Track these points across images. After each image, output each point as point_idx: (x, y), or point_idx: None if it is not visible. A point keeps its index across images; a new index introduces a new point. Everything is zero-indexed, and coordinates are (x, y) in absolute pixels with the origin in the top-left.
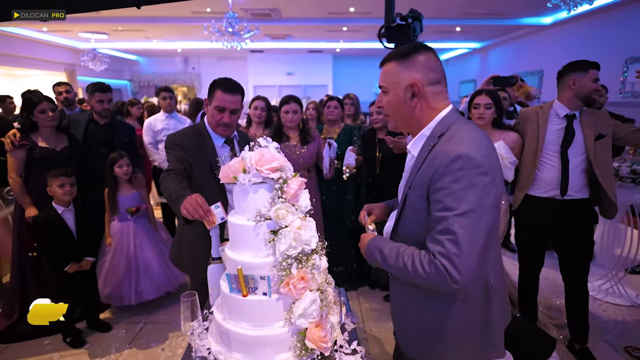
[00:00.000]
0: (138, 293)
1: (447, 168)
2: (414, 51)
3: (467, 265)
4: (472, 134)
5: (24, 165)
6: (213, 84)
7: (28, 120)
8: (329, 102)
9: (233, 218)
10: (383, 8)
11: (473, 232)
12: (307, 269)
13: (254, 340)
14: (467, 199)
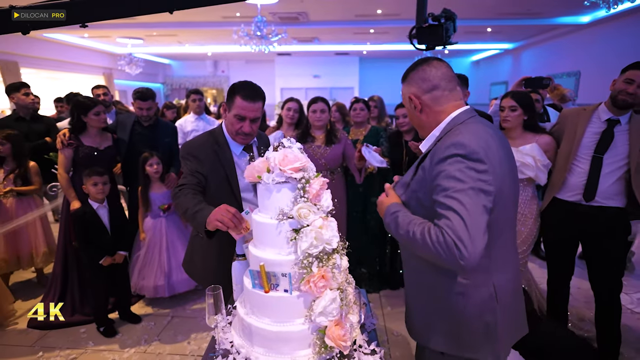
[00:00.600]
0: (170, 286)
1: (444, 154)
2: (410, 70)
3: (472, 243)
4: (474, 128)
5: (71, 162)
6: (232, 89)
7: (79, 122)
8: (355, 105)
9: (256, 216)
10: (411, 9)
11: (474, 210)
12: (328, 268)
13: (275, 335)
14: (463, 179)
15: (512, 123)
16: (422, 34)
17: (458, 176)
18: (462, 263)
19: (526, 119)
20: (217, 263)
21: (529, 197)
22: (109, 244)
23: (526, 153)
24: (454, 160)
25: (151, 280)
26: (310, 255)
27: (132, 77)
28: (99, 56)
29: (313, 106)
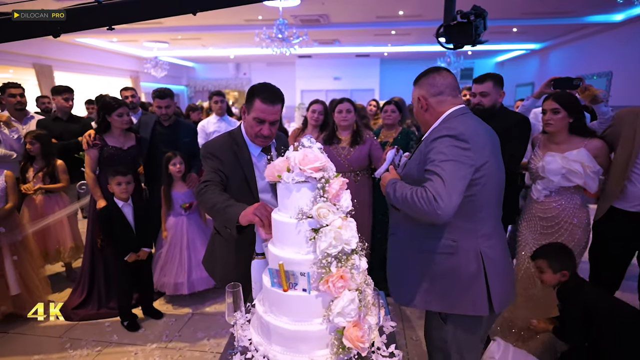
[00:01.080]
0: (190, 283)
1: (437, 135)
2: (422, 76)
3: (448, 198)
4: (464, 119)
5: (97, 161)
6: (252, 91)
7: (104, 122)
8: (386, 107)
9: (276, 215)
10: (433, 10)
11: (453, 175)
12: (347, 269)
13: (293, 334)
14: (447, 153)
15: (556, 127)
16: (450, 32)
17: (445, 151)
18: (439, 212)
19: (572, 121)
20: (236, 261)
21: (578, 205)
22: (133, 241)
23: (573, 159)
24: (443, 139)
25: (172, 278)
26: (329, 255)
27: (158, 80)
28: (126, 60)
29: (339, 106)
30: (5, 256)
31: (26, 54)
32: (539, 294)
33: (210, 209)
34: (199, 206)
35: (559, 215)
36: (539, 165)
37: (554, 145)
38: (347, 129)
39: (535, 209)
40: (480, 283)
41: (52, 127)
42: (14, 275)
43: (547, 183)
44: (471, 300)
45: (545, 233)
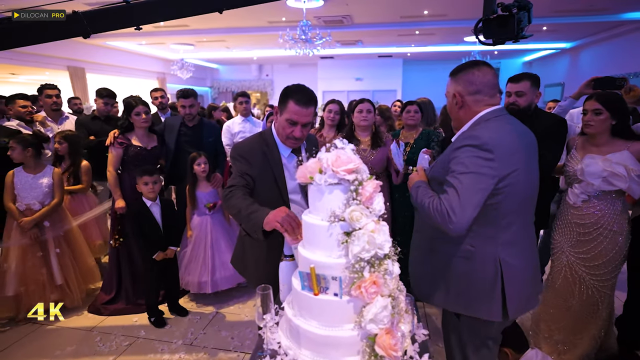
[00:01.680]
0: (214, 282)
1: (460, 144)
2: (460, 70)
3: (461, 213)
4: (493, 124)
5: (120, 161)
6: (286, 93)
7: (127, 121)
8: (409, 107)
9: (307, 217)
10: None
11: (470, 188)
12: (380, 274)
13: (323, 339)
14: (468, 164)
15: (596, 128)
16: (490, 26)
17: (465, 162)
18: (450, 227)
19: (614, 123)
20: (265, 262)
21: (618, 211)
22: (161, 240)
23: (617, 162)
24: (466, 149)
25: (196, 276)
26: (362, 260)
27: (183, 82)
28: (154, 62)
29: (359, 106)
30: (50, 248)
31: (61, 57)
32: (577, 305)
33: (236, 215)
34: (226, 210)
35: (598, 222)
36: (577, 168)
37: (593, 148)
38: (366, 129)
39: (572, 214)
40: (496, 289)
41: (90, 126)
42: (58, 267)
43: (585, 187)
44: (486, 305)
45: (582, 240)
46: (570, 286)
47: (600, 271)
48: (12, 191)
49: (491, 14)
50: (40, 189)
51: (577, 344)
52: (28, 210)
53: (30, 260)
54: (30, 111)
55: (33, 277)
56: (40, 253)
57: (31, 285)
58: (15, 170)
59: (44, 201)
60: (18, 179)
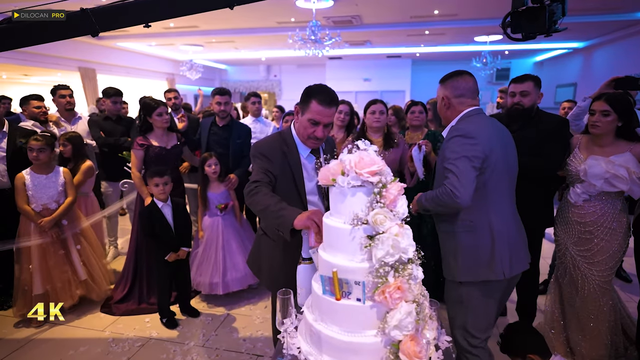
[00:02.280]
0: (225, 284)
1: (450, 136)
2: (448, 77)
3: (463, 188)
4: (474, 119)
5: (142, 161)
6: (308, 92)
7: (146, 122)
8: (413, 107)
9: (329, 220)
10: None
11: (464, 168)
12: (404, 279)
13: (346, 345)
14: (458, 150)
15: (602, 129)
16: (518, 20)
17: (456, 149)
18: (458, 201)
19: (620, 125)
20: (282, 264)
21: (618, 210)
22: (173, 241)
23: (619, 164)
24: (455, 139)
25: (207, 277)
26: (386, 264)
27: (192, 82)
28: (163, 62)
29: (372, 107)
30: (71, 245)
31: (72, 58)
32: (579, 303)
33: (263, 211)
34: (249, 206)
35: (598, 221)
36: (580, 168)
37: (597, 148)
38: (378, 130)
39: (572, 213)
40: (494, 253)
41: (103, 125)
42: (80, 263)
43: (587, 187)
44: (488, 268)
45: (583, 238)
46: (574, 283)
47: (601, 267)
48: (25, 193)
49: (520, 6)
50: (55, 188)
51: (586, 343)
52: (45, 210)
53: (53, 258)
54: (44, 111)
55: (58, 275)
56: (62, 251)
57: (57, 283)
58: (26, 172)
59: (59, 200)
60: (31, 180)
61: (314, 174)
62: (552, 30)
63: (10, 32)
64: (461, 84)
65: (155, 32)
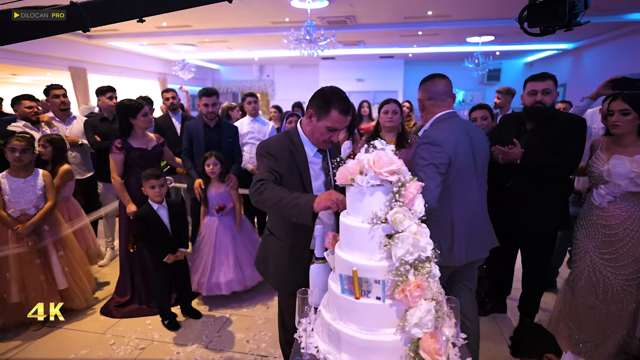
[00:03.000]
0: (209, 286)
1: (419, 143)
2: (422, 82)
3: (430, 193)
4: (444, 124)
5: (122, 166)
6: (326, 100)
7: (128, 125)
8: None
9: (346, 219)
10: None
11: (430, 173)
12: (424, 277)
13: (366, 344)
14: (426, 157)
15: (624, 129)
16: (537, 13)
17: (424, 156)
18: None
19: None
20: (289, 263)
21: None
22: (170, 242)
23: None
24: (423, 147)
25: (197, 276)
26: (406, 263)
27: (184, 82)
28: (155, 62)
29: (385, 107)
30: (51, 252)
31: (62, 57)
32: (599, 305)
33: (276, 204)
34: (257, 204)
35: (624, 223)
36: (604, 169)
37: (619, 148)
38: (392, 130)
39: (597, 215)
40: (452, 242)
41: (100, 127)
42: (61, 270)
43: (612, 188)
44: (450, 255)
45: (607, 241)
46: (593, 286)
47: (627, 271)
48: (1, 198)
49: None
50: (34, 192)
51: (600, 343)
52: (23, 216)
53: (28, 267)
54: (36, 112)
55: (32, 285)
56: (39, 260)
57: (31, 292)
58: (2, 176)
59: (39, 205)
60: (7, 184)
61: (320, 173)
62: (572, 23)
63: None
64: (431, 88)
65: (147, 32)
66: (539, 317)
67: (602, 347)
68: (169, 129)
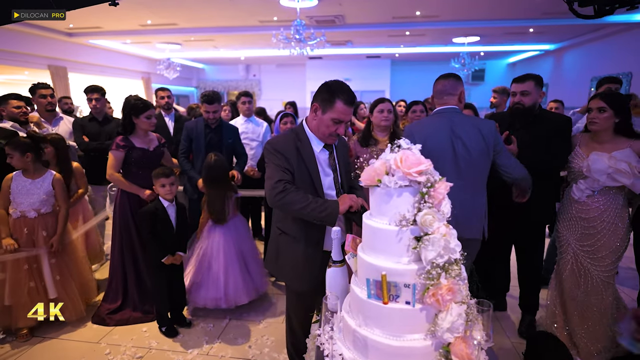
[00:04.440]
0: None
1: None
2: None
3: None
4: (427, 120)
5: (121, 164)
6: (331, 92)
7: (130, 123)
8: (414, 107)
9: (371, 221)
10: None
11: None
12: (454, 280)
13: (395, 350)
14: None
15: (601, 126)
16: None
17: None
18: None
19: (617, 121)
20: (305, 260)
21: (620, 205)
22: (173, 243)
23: (620, 159)
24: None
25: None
26: (437, 266)
27: (169, 82)
28: (139, 61)
29: (380, 106)
30: (43, 261)
31: (41, 55)
32: (581, 297)
33: (305, 207)
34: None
35: (602, 216)
36: (583, 165)
37: (597, 145)
38: (385, 129)
39: (576, 209)
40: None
41: (89, 128)
42: (52, 279)
43: (591, 183)
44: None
45: (587, 234)
46: (575, 277)
47: (605, 262)
48: (7, 196)
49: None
50: (37, 195)
51: (589, 335)
52: (22, 218)
53: (16, 273)
54: (24, 112)
55: (20, 290)
56: (27, 266)
57: (21, 298)
58: (15, 174)
59: (40, 209)
60: (15, 183)
61: (328, 170)
62: (633, 1)
63: None
64: (435, 87)
65: (131, 30)
66: (539, 313)
67: (595, 340)
68: (162, 129)
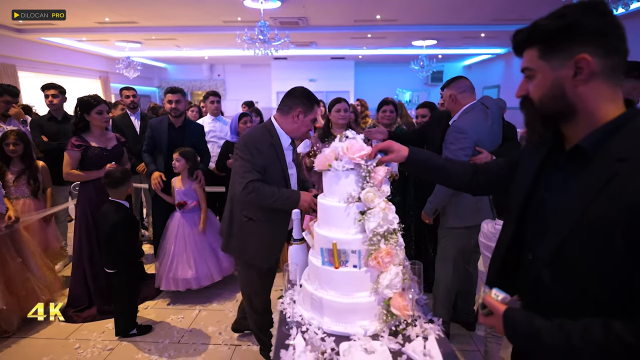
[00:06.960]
0: (167, 279)
1: (449, 132)
2: (452, 81)
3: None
4: (469, 115)
5: (77, 164)
6: (310, 99)
7: (82, 121)
8: (385, 107)
9: (325, 200)
10: (409, 15)
11: (460, 157)
12: (392, 245)
13: (345, 307)
14: (453, 141)
15: None
16: None
17: (452, 140)
18: None
19: None
20: (273, 240)
21: None
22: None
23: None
24: (451, 134)
25: (160, 270)
26: (377, 234)
27: (129, 81)
28: (96, 60)
29: (337, 105)
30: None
31: None
32: None
33: (276, 200)
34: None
35: None
36: None
37: None
38: (342, 127)
39: None
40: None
41: (47, 127)
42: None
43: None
44: (479, 214)
45: None
46: None
47: None
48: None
49: None
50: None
51: None
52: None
53: None
54: None
55: None
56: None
57: None
58: None
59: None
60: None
61: (292, 164)
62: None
63: None
64: (462, 83)
65: (86, 27)
66: None
67: None
68: (127, 128)
